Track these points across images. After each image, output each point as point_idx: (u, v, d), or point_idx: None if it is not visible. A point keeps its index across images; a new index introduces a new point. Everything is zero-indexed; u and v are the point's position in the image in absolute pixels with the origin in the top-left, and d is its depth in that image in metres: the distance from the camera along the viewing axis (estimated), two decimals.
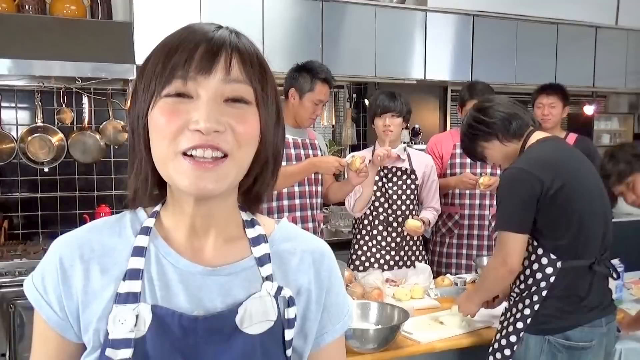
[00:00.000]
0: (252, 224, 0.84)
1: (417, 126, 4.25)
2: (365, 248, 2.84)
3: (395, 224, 2.81)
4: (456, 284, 2.56)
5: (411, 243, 2.88)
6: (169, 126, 0.71)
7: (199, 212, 0.78)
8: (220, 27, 0.77)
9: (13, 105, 3.45)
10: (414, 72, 3.99)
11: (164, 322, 0.73)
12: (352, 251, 2.90)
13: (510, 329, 1.83)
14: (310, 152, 2.66)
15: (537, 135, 1.91)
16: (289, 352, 0.80)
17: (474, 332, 2.07)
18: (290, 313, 0.79)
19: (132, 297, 0.73)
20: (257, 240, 0.82)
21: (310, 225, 2.67)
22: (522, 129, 1.91)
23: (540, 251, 1.80)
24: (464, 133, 2.01)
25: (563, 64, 4.44)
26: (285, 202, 2.61)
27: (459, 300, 2.12)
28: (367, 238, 2.83)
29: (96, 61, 3.02)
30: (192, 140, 0.70)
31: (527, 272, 1.83)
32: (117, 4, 3.49)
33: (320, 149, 2.74)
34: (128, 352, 0.71)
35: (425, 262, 2.88)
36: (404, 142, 4.17)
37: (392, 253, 2.82)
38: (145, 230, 0.78)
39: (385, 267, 2.80)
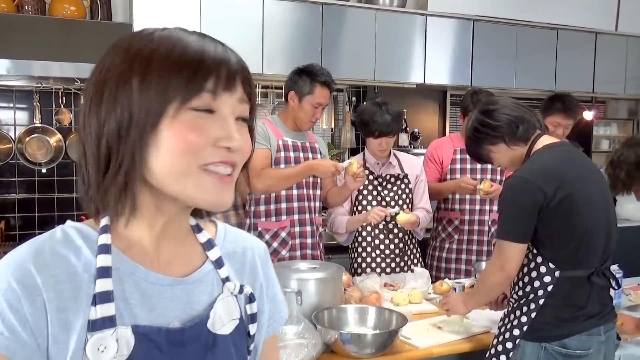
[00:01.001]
0: (199, 228, 0.85)
1: (416, 130, 4.25)
2: (364, 254, 2.82)
3: (395, 230, 2.80)
4: (454, 289, 2.56)
5: (411, 247, 2.88)
6: (197, 142, 0.69)
7: (171, 225, 0.77)
8: (218, 42, 0.75)
9: (11, 105, 3.44)
10: (414, 76, 3.99)
11: (149, 340, 0.71)
12: (352, 257, 2.89)
13: (507, 335, 1.82)
14: (310, 155, 2.66)
15: (544, 140, 1.88)
16: (252, 346, 0.85)
17: (472, 338, 2.06)
18: (252, 309, 0.83)
19: (109, 322, 0.69)
20: (209, 244, 0.84)
21: (308, 228, 2.66)
22: (528, 132, 1.88)
23: (539, 259, 1.80)
24: (469, 137, 1.98)
25: (563, 69, 4.45)
26: (284, 205, 2.61)
27: (451, 300, 2.08)
28: (369, 249, 2.82)
29: (95, 62, 3.01)
30: (218, 156, 0.71)
31: (526, 279, 1.83)
32: (117, 5, 3.49)
33: (321, 153, 2.73)
34: None
35: (422, 266, 2.87)
36: (403, 147, 4.18)
37: (397, 259, 2.81)
38: (105, 249, 0.72)
39: (385, 272, 2.79)
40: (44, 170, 3.45)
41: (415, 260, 2.89)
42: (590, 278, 1.77)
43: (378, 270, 2.79)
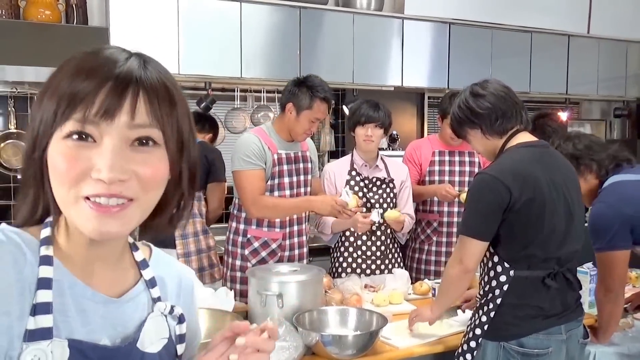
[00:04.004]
0: (135, 247, 0.86)
1: (394, 132, 4.28)
2: (346, 254, 2.84)
3: (378, 233, 2.82)
4: (434, 289, 2.58)
5: (392, 250, 2.90)
6: (69, 173, 0.68)
7: (98, 244, 0.76)
8: (130, 55, 0.73)
9: None
10: (392, 78, 4.03)
11: (82, 355, 0.71)
12: (334, 257, 2.90)
13: (471, 334, 1.85)
14: (302, 165, 2.66)
15: (521, 138, 1.87)
16: None
17: (451, 337, 2.08)
18: (181, 329, 0.85)
19: (46, 333, 0.69)
20: (143, 264, 0.85)
21: (297, 240, 2.68)
22: (505, 126, 1.86)
23: (495, 259, 1.82)
24: (453, 112, 1.96)
25: (537, 71, 4.53)
26: (277, 219, 2.60)
27: (418, 310, 2.08)
28: (350, 249, 2.83)
29: None
30: (95, 189, 0.68)
31: (486, 278, 1.85)
32: (93, 9, 3.46)
33: (312, 161, 2.74)
34: None
35: (402, 268, 2.90)
36: (381, 149, 4.20)
37: (378, 262, 2.83)
38: (47, 260, 0.72)
39: (365, 273, 2.81)
40: (19, 176, 3.40)
41: (395, 263, 2.91)
42: (544, 280, 1.77)
43: (359, 271, 2.80)
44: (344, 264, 2.84)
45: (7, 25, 3.05)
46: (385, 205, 2.83)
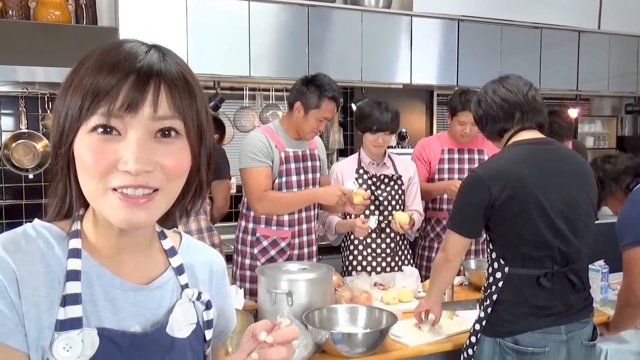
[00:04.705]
0: (164, 235, 0.88)
1: (403, 130, 4.27)
2: (356, 252, 2.83)
3: (388, 230, 2.82)
4: None
5: (402, 248, 2.89)
6: (97, 166, 0.70)
7: (127, 234, 0.78)
8: (149, 48, 0.75)
9: None
10: (400, 76, 4.01)
11: (112, 342, 0.74)
12: (344, 256, 2.90)
13: (472, 329, 1.87)
14: (310, 163, 2.65)
15: (521, 136, 1.87)
16: (207, 350, 0.88)
17: (461, 335, 2.07)
18: (209, 315, 0.87)
19: (76, 323, 0.72)
20: (171, 252, 0.87)
21: (307, 238, 2.67)
22: (498, 130, 1.91)
23: (494, 255, 1.84)
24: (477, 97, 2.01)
25: (547, 67, 4.50)
26: (286, 217, 2.59)
27: (420, 302, 2.14)
28: (360, 247, 2.83)
29: None
30: (122, 181, 0.70)
31: (486, 274, 1.88)
32: (102, 10, 3.47)
33: (320, 159, 2.73)
34: None
35: (412, 266, 2.89)
36: (391, 147, 4.19)
37: (388, 259, 2.82)
38: (76, 253, 0.75)
39: (375, 271, 2.80)
40: (31, 176, 3.43)
41: (406, 261, 2.91)
42: (539, 280, 1.75)
43: (369, 269, 2.80)
44: (354, 262, 2.84)
45: (18, 26, 3.08)
46: (393, 203, 2.82)
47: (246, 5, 3.50)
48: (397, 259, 2.86)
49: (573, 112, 4.90)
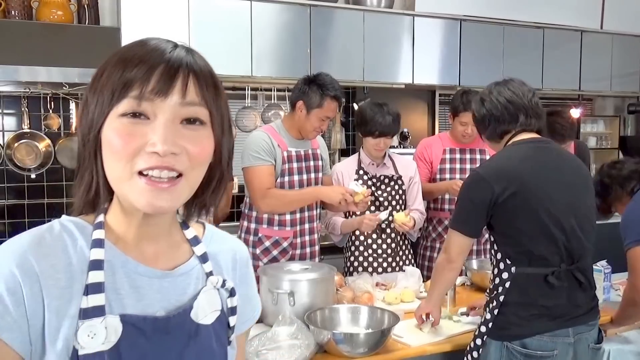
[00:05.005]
0: (186, 225, 0.90)
1: (405, 130, 4.27)
2: (357, 253, 2.83)
3: (388, 230, 2.81)
4: None
5: (404, 248, 2.89)
6: (125, 148, 0.73)
7: (149, 222, 0.81)
8: (176, 45, 0.79)
9: None
10: (402, 76, 4.01)
11: (135, 328, 0.76)
12: (345, 257, 2.90)
13: (477, 332, 1.84)
14: (312, 163, 2.65)
15: (520, 136, 1.89)
16: (232, 336, 0.90)
17: (463, 335, 2.07)
18: (233, 302, 0.89)
19: (99, 311, 0.74)
20: (195, 241, 0.89)
21: (309, 238, 2.67)
22: (500, 132, 1.92)
23: (499, 256, 1.82)
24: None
25: (549, 67, 4.49)
26: (288, 217, 2.59)
27: (421, 303, 2.11)
28: (361, 248, 2.83)
29: (83, 67, 3.00)
30: (149, 162, 0.72)
31: (492, 276, 1.86)
32: (105, 10, 3.48)
33: (322, 158, 2.73)
34: None
35: (413, 266, 2.89)
36: (392, 146, 4.19)
37: (389, 260, 2.82)
38: (99, 243, 0.78)
39: (377, 272, 2.80)
40: (33, 176, 3.44)
41: (407, 261, 2.91)
42: (547, 278, 1.74)
43: (370, 269, 2.80)
44: (355, 263, 2.84)
45: (20, 26, 3.08)
46: (394, 203, 2.82)
47: (248, 5, 3.50)
48: (398, 259, 2.86)
49: (575, 112, 4.89)
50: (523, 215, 1.75)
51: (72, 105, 3.47)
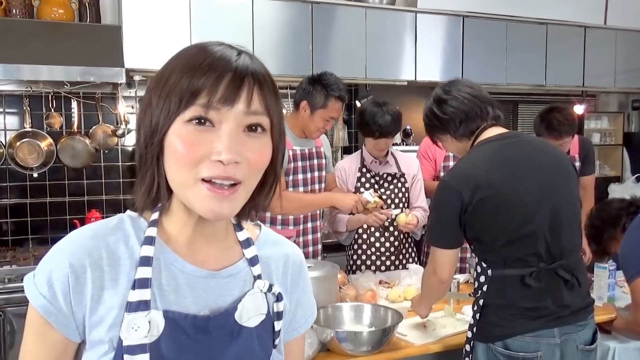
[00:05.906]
0: (240, 227, 0.91)
1: (408, 127, 4.25)
2: (360, 251, 2.83)
3: (391, 229, 2.81)
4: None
5: (407, 245, 2.88)
6: (190, 156, 0.74)
7: (206, 224, 0.84)
8: (240, 52, 0.80)
9: (1, 110, 3.42)
10: (405, 73, 3.99)
11: (177, 325, 0.79)
12: (349, 254, 2.89)
13: (466, 337, 1.81)
14: (315, 161, 2.64)
15: (488, 133, 1.83)
16: (277, 341, 0.90)
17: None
18: (279, 307, 0.89)
19: (143, 305, 0.77)
20: (246, 243, 0.90)
21: (312, 237, 2.67)
22: (471, 129, 1.85)
23: (476, 259, 1.79)
24: (423, 119, 1.96)
25: (553, 63, 4.47)
26: (291, 216, 2.59)
27: (414, 299, 2.09)
28: (364, 246, 2.82)
29: (85, 65, 3.00)
30: (212, 170, 0.74)
31: (472, 279, 1.85)
32: (106, 8, 3.47)
33: (325, 157, 2.72)
34: (145, 357, 0.76)
35: (417, 264, 2.88)
36: (395, 144, 4.17)
37: (392, 257, 2.82)
38: (150, 240, 0.81)
39: (380, 270, 2.80)
40: (35, 175, 3.43)
41: (410, 259, 2.90)
42: (524, 279, 1.68)
43: (373, 268, 2.79)
44: (358, 261, 2.83)
45: (21, 24, 3.08)
46: (397, 201, 2.81)
47: (249, 3, 3.49)
48: (401, 256, 2.85)
49: (579, 109, 4.88)
50: (494, 220, 1.69)
51: (74, 104, 3.47)
